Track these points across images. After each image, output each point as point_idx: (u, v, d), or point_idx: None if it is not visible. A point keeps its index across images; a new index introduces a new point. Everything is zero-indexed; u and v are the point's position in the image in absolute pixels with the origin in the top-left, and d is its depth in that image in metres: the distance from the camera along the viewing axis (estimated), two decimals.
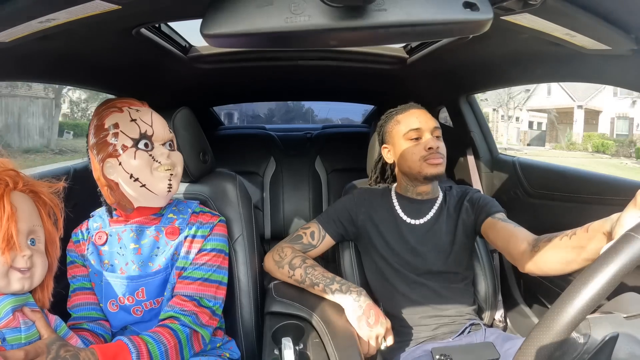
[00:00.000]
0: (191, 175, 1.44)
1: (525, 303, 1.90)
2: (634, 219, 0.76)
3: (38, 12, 0.85)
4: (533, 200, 1.87)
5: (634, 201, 0.77)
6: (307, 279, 1.37)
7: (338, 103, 4.03)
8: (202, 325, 1.15)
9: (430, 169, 1.44)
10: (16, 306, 0.88)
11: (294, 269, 1.40)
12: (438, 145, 1.45)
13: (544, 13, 0.95)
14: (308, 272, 1.38)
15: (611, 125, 21.89)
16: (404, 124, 1.49)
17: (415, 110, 1.51)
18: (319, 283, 1.35)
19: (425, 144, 1.44)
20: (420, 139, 1.47)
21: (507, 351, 1.23)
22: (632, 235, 0.56)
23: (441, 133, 1.50)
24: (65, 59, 1.32)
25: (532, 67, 1.56)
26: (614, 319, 0.64)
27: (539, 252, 1.14)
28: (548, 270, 1.14)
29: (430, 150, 1.44)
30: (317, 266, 1.41)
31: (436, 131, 1.48)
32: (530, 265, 1.18)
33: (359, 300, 1.29)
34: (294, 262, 1.42)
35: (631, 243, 0.55)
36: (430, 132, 1.46)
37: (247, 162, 2.96)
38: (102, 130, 1.12)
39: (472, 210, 1.48)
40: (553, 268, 1.12)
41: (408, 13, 0.79)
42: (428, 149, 1.44)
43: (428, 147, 1.44)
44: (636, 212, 0.77)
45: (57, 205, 0.99)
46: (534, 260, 1.16)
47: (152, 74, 1.88)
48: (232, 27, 0.81)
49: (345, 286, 1.33)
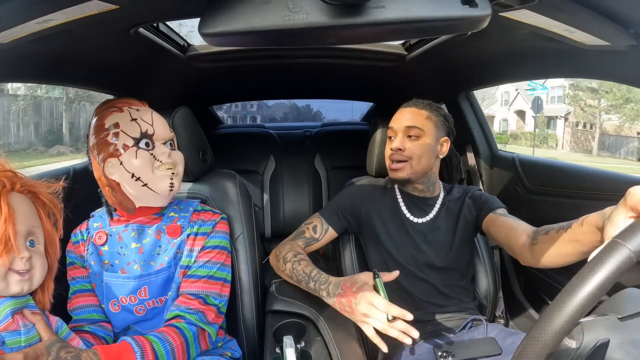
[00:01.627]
0: (191, 174, 1.44)
1: (525, 299, 1.90)
2: (622, 217, 0.76)
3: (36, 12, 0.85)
4: (533, 196, 1.88)
5: (624, 199, 0.77)
6: (294, 275, 1.36)
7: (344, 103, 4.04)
8: (208, 323, 1.15)
9: (391, 173, 1.47)
10: (15, 309, 0.87)
11: (286, 263, 1.40)
12: (401, 146, 1.42)
13: (542, 9, 0.95)
14: (294, 268, 1.36)
15: (499, 125, 32.91)
16: (390, 122, 1.50)
17: (402, 109, 1.50)
18: (301, 280, 1.33)
19: (391, 144, 1.46)
20: (393, 138, 1.47)
21: (510, 346, 1.23)
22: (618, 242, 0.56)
23: (422, 132, 1.44)
24: (63, 59, 1.31)
25: (531, 64, 1.56)
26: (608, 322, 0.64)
27: (537, 245, 1.15)
28: (546, 263, 1.15)
29: (391, 152, 1.45)
30: (303, 261, 1.37)
31: (411, 130, 1.44)
32: (530, 258, 1.19)
33: (329, 296, 1.22)
34: (286, 256, 1.41)
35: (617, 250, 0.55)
36: (402, 132, 1.44)
37: (246, 161, 2.95)
38: (103, 130, 1.11)
39: (474, 207, 1.48)
40: (552, 261, 1.12)
41: (406, 10, 0.79)
42: (390, 150, 1.46)
43: (390, 147, 1.46)
44: (625, 211, 0.77)
45: (56, 206, 0.99)
46: (533, 254, 1.17)
47: (150, 74, 1.87)
48: (231, 26, 0.81)
49: (317, 283, 1.27)
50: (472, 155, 2.27)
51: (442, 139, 1.48)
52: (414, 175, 1.44)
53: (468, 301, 1.47)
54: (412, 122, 1.43)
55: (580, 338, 0.62)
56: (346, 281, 1.18)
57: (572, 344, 0.62)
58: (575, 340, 0.62)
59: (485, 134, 2.26)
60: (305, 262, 1.36)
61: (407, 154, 1.42)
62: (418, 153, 1.43)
